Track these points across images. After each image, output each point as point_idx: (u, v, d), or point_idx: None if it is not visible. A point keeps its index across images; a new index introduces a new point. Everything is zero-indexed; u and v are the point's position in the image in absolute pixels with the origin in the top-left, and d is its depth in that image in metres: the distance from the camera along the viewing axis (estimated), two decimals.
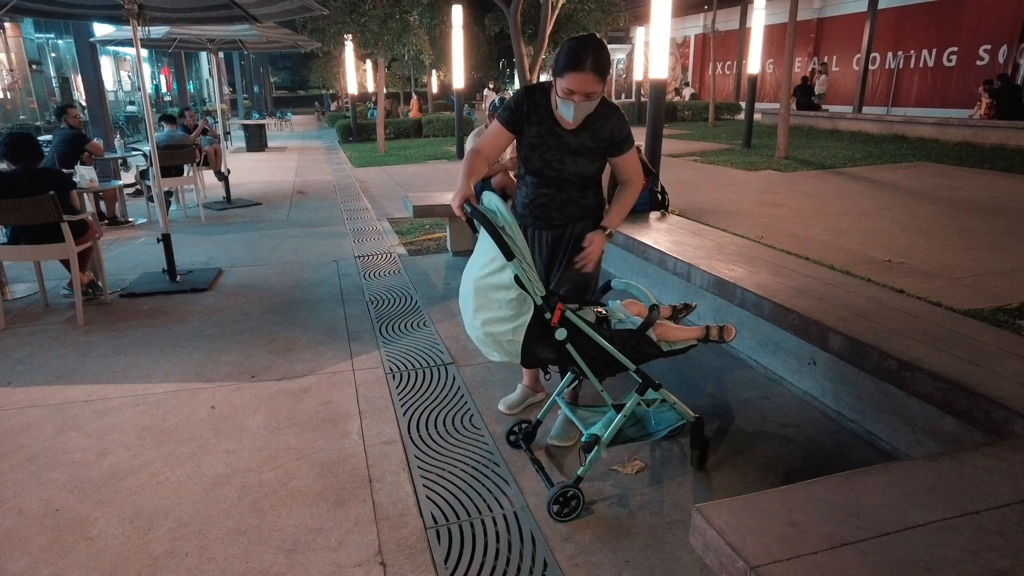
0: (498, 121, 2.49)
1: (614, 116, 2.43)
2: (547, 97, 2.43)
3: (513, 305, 2.09)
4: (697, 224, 4.70)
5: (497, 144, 2.50)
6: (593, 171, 2.52)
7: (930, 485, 1.62)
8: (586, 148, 2.45)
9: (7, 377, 3.46)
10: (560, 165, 2.48)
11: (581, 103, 2.27)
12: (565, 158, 2.46)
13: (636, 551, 2.11)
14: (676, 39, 26.07)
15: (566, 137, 2.44)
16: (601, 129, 2.43)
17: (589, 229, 2.57)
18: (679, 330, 2.48)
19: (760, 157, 9.92)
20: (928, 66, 16.23)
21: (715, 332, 2.54)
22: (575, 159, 2.46)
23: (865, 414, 2.79)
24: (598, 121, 2.42)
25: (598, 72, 2.23)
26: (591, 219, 2.62)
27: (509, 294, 2.07)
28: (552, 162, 2.48)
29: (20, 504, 2.39)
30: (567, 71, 2.22)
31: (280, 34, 10.28)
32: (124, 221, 7.46)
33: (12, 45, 16.87)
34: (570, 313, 2.20)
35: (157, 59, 28.05)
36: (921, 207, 6.02)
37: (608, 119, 2.42)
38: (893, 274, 3.73)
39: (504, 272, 2.05)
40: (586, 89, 2.24)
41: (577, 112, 2.30)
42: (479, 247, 2.22)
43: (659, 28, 5.28)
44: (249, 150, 15.62)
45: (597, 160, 2.50)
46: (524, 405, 3.06)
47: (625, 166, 2.54)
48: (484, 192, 2.32)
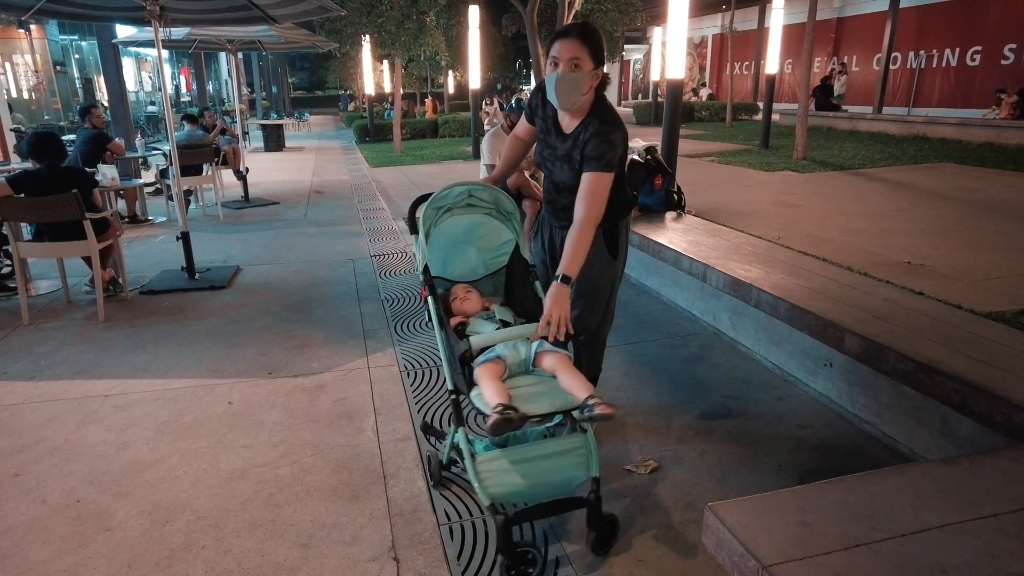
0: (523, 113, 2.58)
1: (601, 128, 2.21)
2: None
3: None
4: (713, 224, 4.67)
5: (526, 130, 2.58)
6: (578, 182, 2.26)
7: (947, 487, 1.61)
8: (569, 157, 2.33)
9: (31, 371, 3.53)
10: (552, 167, 2.44)
11: (566, 74, 2.14)
12: (557, 162, 2.41)
13: (649, 550, 2.11)
14: (693, 39, 25.92)
15: (557, 141, 2.39)
16: (585, 138, 2.25)
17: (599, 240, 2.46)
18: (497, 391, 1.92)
19: (778, 158, 9.83)
20: (951, 65, 15.99)
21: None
22: (561, 165, 2.37)
23: (881, 416, 2.76)
24: (584, 130, 2.27)
25: (584, 40, 2.14)
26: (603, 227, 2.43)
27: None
28: (547, 161, 2.46)
29: (43, 495, 2.44)
30: (554, 41, 2.20)
31: (298, 35, 10.37)
32: (144, 219, 7.56)
33: (37, 47, 17.18)
34: (431, 300, 2.23)
35: (177, 60, 28.41)
36: (942, 208, 5.94)
37: (591, 129, 2.23)
38: (912, 276, 3.69)
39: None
40: (569, 55, 2.13)
41: (561, 86, 2.16)
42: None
43: (676, 28, 5.26)
44: (267, 150, 15.77)
45: (580, 171, 2.27)
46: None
47: (583, 187, 2.20)
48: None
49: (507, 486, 1.93)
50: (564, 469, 1.98)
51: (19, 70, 16.34)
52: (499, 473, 1.94)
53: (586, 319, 2.56)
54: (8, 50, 15.83)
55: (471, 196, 2.40)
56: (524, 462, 1.97)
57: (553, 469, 1.98)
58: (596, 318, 2.59)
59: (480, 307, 2.35)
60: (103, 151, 6.88)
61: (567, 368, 1.99)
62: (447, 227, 2.43)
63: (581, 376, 1.95)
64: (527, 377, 2.11)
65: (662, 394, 3.18)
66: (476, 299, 2.36)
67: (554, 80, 2.17)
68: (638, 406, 3.07)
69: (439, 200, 2.36)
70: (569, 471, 1.98)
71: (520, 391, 1.99)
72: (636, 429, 2.87)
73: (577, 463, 1.99)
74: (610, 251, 2.48)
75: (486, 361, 2.05)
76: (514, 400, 1.90)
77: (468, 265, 2.48)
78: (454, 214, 2.42)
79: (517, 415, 1.80)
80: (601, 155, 2.20)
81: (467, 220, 2.44)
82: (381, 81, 23.47)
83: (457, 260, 2.47)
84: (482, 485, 1.92)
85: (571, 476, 1.98)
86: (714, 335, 3.88)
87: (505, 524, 1.89)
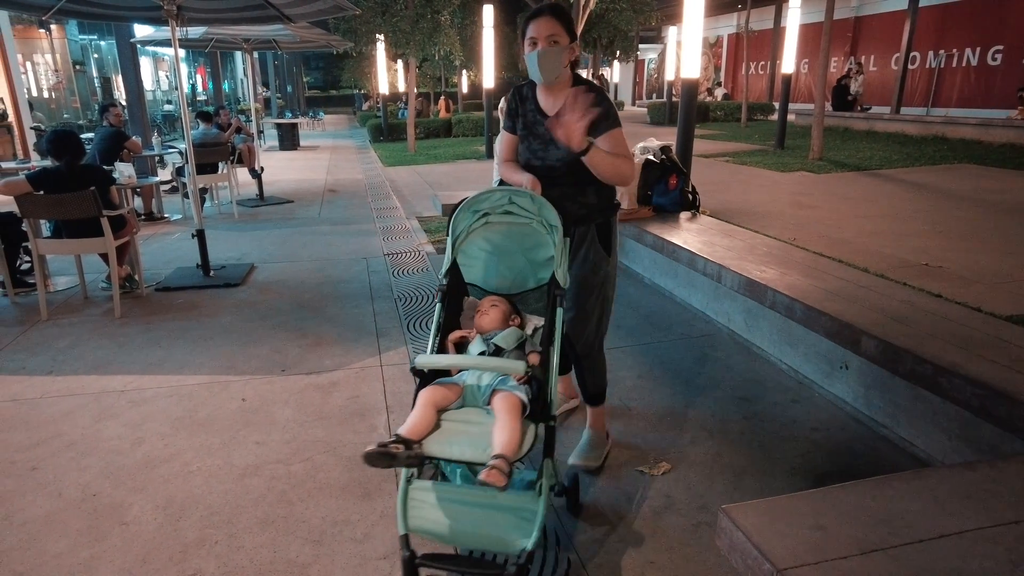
0: (503, 129, 2.51)
1: (592, 94, 2.21)
2: (532, 88, 2.40)
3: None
4: (728, 225, 4.64)
5: (511, 148, 2.48)
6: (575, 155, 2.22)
7: (966, 493, 1.58)
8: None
9: (49, 366, 3.57)
10: (544, 153, 2.35)
11: (547, 49, 2.18)
12: (548, 145, 2.32)
13: (661, 552, 2.10)
14: (709, 39, 25.77)
15: (546, 122, 2.28)
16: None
17: (593, 237, 2.39)
18: (414, 420, 1.81)
19: (793, 158, 9.75)
20: (971, 65, 15.77)
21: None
22: (557, 143, 2.23)
23: (898, 420, 2.73)
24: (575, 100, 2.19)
25: (557, 17, 2.21)
26: (596, 222, 2.41)
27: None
28: (537, 151, 2.37)
29: (60, 488, 2.47)
30: (528, 23, 2.23)
31: (313, 34, 10.43)
32: (160, 217, 7.64)
33: (57, 46, 17.40)
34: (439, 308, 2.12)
35: (194, 59, 28.67)
36: (961, 210, 5.86)
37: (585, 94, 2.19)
38: (930, 278, 3.64)
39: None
40: (547, 32, 2.18)
41: (543, 61, 2.19)
42: None
43: (691, 27, 5.23)
44: (282, 149, 15.88)
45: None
46: (562, 411, 2.87)
47: (606, 147, 2.23)
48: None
49: (430, 522, 1.79)
50: (500, 525, 1.77)
51: (39, 69, 16.55)
52: (428, 506, 1.80)
53: (580, 323, 2.45)
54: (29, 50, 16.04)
55: (511, 203, 2.19)
56: (459, 503, 1.80)
57: (488, 521, 1.78)
58: (591, 322, 2.46)
59: (499, 324, 2.11)
60: (120, 149, 6.96)
61: (506, 415, 1.76)
62: (490, 235, 2.23)
63: (513, 429, 1.71)
64: (476, 413, 1.90)
65: (675, 395, 3.16)
66: (497, 315, 2.13)
67: (536, 57, 2.20)
68: (651, 407, 3.05)
69: (476, 203, 2.20)
70: (505, 530, 1.76)
71: (450, 426, 1.83)
72: (649, 430, 2.85)
73: (516, 524, 1.75)
74: (604, 247, 2.41)
75: (437, 384, 1.93)
76: (434, 435, 1.76)
77: (515, 275, 2.25)
78: (491, 221, 2.22)
79: (406, 453, 1.65)
80: (606, 113, 2.23)
81: (514, 229, 2.21)
82: (395, 80, 23.55)
83: (503, 269, 2.25)
84: (405, 512, 1.80)
85: (505, 536, 1.75)
86: (728, 336, 3.86)
87: (410, 563, 1.74)
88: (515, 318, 2.18)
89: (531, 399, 1.86)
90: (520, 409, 1.81)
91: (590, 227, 2.39)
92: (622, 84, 32.63)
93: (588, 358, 2.54)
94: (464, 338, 2.14)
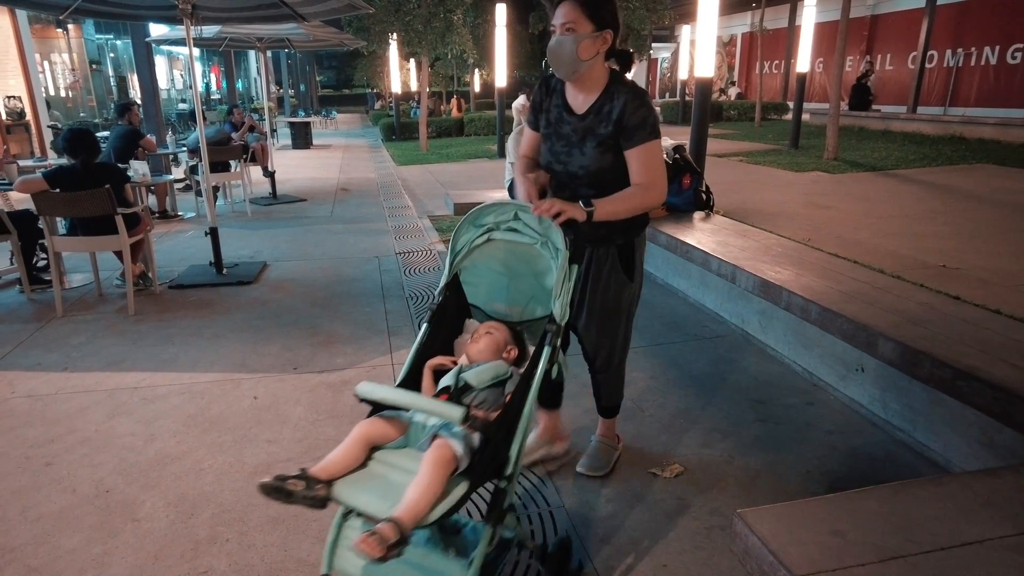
0: (526, 124, 2.32)
1: (629, 95, 2.03)
2: (562, 81, 2.18)
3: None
4: (742, 225, 4.60)
5: (533, 145, 2.31)
6: (604, 165, 2.07)
7: (988, 500, 1.55)
8: (593, 133, 2.07)
9: (64, 362, 3.60)
10: (567, 157, 2.12)
11: (559, 38, 1.98)
12: (572, 148, 2.11)
13: (673, 555, 2.07)
14: (722, 38, 25.61)
15: (573, 121, 2.12)
16: (611, 110, 2.04)
17: (614, 260, 2.18)
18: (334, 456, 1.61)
19: (808, 158, 9.66)
20: (990, 64, 15.55)
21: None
22: (582, 147, 2.08)
23: (915, 423, 2.69)
24: (608, 101, 2.05)
25: (578, 1, 1.97)
26: (617, 243, 2.18)
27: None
28: (560, 154, 2.15)
29: (73, 484, 2.49)
30: (553, 9, 2.04)
31: (326, 33, 10.46)
32: (174, 215, 7.69)
33: (75, 46, 17.59)
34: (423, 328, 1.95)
35: (208, 58, 28.88)
36: (979, 211, 5.77)
37: (621, 97, 2.03)
38: (948, 280, 3.58)
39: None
40: (563, 19, 1.97)
41: (554, 51, 1.99)
42: None
43: (705, 26, 5.19)
44: (295, 147, 15.94)
45: (608, 152, 2.06)
46: (537, 457, 2.55)
47: (638, 163, 2.03)
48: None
49: (354, 567, 1.64)
50: None
51: (57, 68, 16.74)
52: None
53: (602, 345, 2.32)
54: (47, 49, 16.23)
55: (516, 219, 1.93)
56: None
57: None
58: (614, 344, 2.33)
59: (488, 355, 1.86)
60: (135, 147, 7.01)
61: (428, 468, 1.49)
62: (497, 252, 1.99)
63: (427, 488, 1.46)
64: (412, 456, 1.62)
65: (688, 397, 3.13)
66: (488, 344, 1.88)
67: (549, 47, 2.01)
68: (663, 408, 3.03)
69: (481, 216, 1.97)
70: None
71: (376, 467, 1.61)
72: (661, 431, 2.83)
73: None
74: (626, 271, 2.22)
75: (378, 417, 1.70)
76: (352, 475, 1.57)
77: (526, 301, 1.99)
78: (493, 238, 1.98)
79: (303, 492, 1.48)
80: (643, 121, 2.00)
81: (520, 249, 1.94)
82: (408, 79, 23.60)
83: (513, 293, 2.00)
84: (333, 550, 1.67)
85: None
86: (742, 337, 3.82)
87: None
88: (511, 349, 1.91)
89: (476, 452, 1.56)
90: (448, 464, 1.51)
91: (610, 249, 2.18)
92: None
93: (606, 373, 2.41)
94: (442, 365, 1.89)
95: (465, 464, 1.53)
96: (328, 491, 1.52)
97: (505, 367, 1.83)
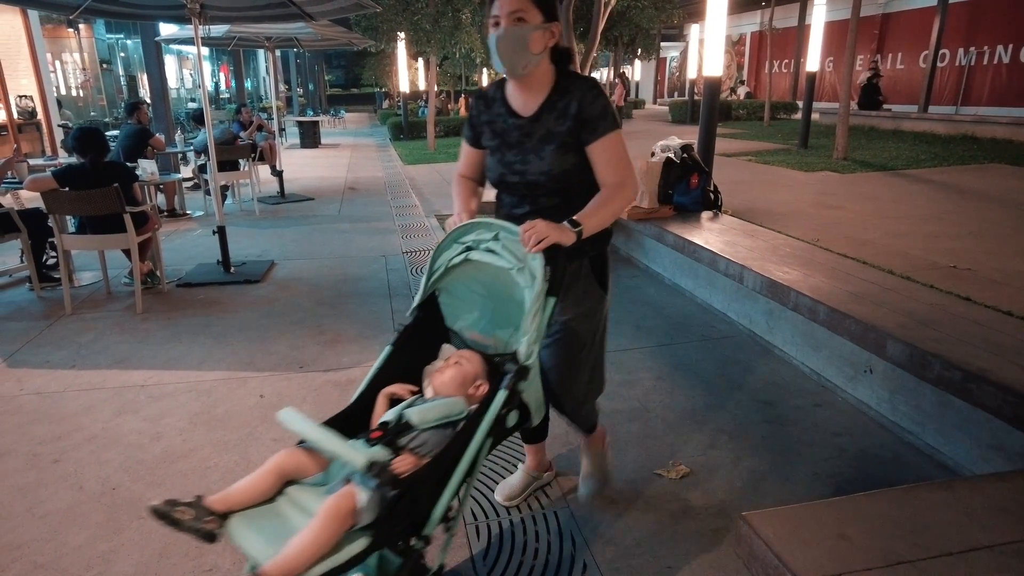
0: (464, 139, 2.06)
1: (585, 87, 1.83)
2: (501, 88, 1.94)
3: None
4: (750, 225, 4.57)
5: (471, 163, 2.04)
6: (566, 168, 1.84)
7: (998, 505, 1.53)
8: (551, 133, 1.84)
9: (72, 360, 3.62)
10: (523, 166, 1.87)
11: (508, 29, 1.73)
12: (527, 155, 1.86)
13: (678, 557, 2.06)
14: (731, 37, 25.49)
15: (524, 125, 1.87)
16: (568, 105, 1.83)
17: (587, 274, 1.94)
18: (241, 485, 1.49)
19: (817, 158, 9.60)
20: (1003, 62, 15.40)
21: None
22: (538, 152, 1.84)
23: (924, 426, 2.66)
24: (562, 97, 1.84)
25: None
26: (590, 255, 1.94)
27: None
28: (513, 164, 1.89)
29: (80, 481, 2.50)
30: (492, 1, 1.78)
31: (334, 32, 10.48)
32: (182, 214, 7.73)
33: (85, 45, 17.71)
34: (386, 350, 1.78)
35: (217, 57, 29.00)
36: (991, 211, 5.71)
37: (576, 91, 1.83)
38: (958, 281, 3.55)
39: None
40: (510, 7, 1.73)
41: (503, 44, 1.74)
42: None
43: (714, 25, 5.16)
44: (303, 146, 15.99)
45: (569, 152, 1.83)
46: (528, 492, 2.39)
47: (605, 158, 1.82)
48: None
49: None
50: None
51: (68, 68, 16.86)
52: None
53: (570, 379, 2.01)
54: (58, 49, 16.35)
55: (496, 240, 1.73)
56: None
57: None
58: (582, 378, 2.03)
59: (452, 388, 1.66)
60: (144, 146, 7.05)
61: (319, 518, 1.33)
62: (479, 274, 1.79)
63: (310, 542, 1.30)
64: (318, 497, 1.45)
65: (695, 397, 3.12)
66: (453, 376, 1.67)
67: (495, 40, 1.75)
68: (670, 409, 3.01)
69: (463, 233, 1.79)
70: None
71: (282, 504, 1.48)
72: (667, 433, 2.81)
73: None
74: (600, 283, 1.99)
75: (298, 448, 1.55)
76: (255, 510, 1.45)
77: (507, 329, 1.79)
78: (471, 259, 1.79)
79: (191, 524, 1.35)
80: (604, 110, 1.81)
81: (503, 274, 1.73)
82: (416, 79, 23.61)
83: (499, 320, 1.81)
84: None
85: None
86: (750, 338, 3.80)
87: None
88: (480, 385, 1.69)
89: (384, 506, 1.32)
90: (344, 517, 1.33)
91: (583, 261, 1.94)
92: (643, 82, 32.43)
93: (577, 415, 2.15)
94: (397, 394, 1.69)
95: (367, 519, 1.32)
96: (220, 524, 1.39)
97: (461, 406, 1.60)
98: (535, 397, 1.67)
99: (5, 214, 4.64)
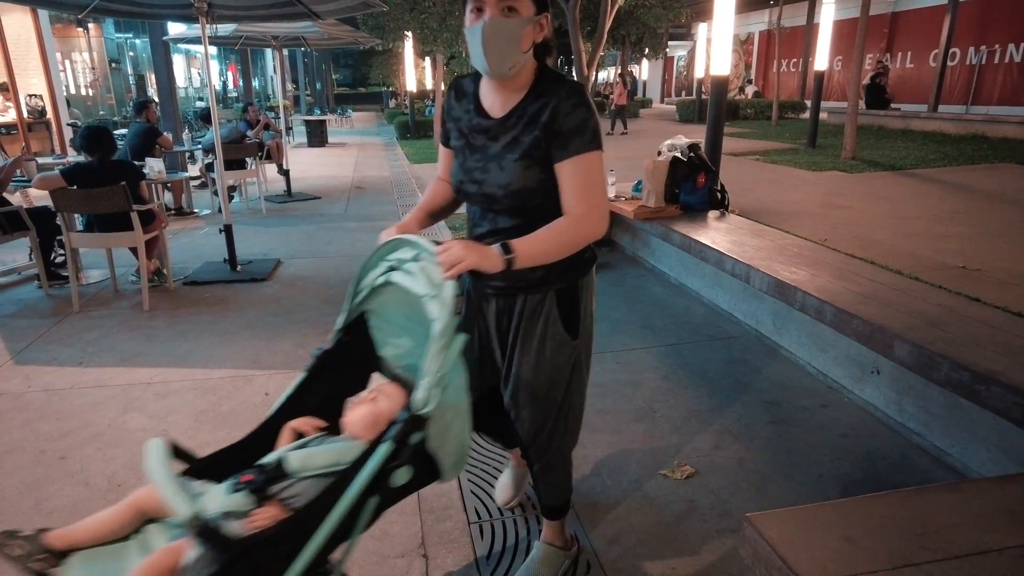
0: (439, 140, 1.85)
1: (564, 92, 1.52)
2: (476, 82, 1.67)
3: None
4: (758, 224, 4.55)
5: (445, 165, 1.80)
6: (528, 184, 1.55)
7: (1008, 508, 1.51)
8: (516, 141, 1.55)
9: (80, 357, 3.64)
10: (482, 174, 1.60)
11: (496, 20, 1.44)
12: (489, 163, 1.59)
13: (683, 558, 2.05)
14: (739, 36, 25.41)
15: (492, 127, 1.59)
16: (540, 111, 1.52)
17: (550, 312, 1.64)
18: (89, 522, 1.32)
19: (825, 157, 9.55)
20: (1015, 61, 15.28)
21: None
22: (500, 161, 1.57)
23: (932, 427, 2.64)
24: (536, 101, 1.54)
25: None
26: (555, 287, 1.64)
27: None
28: (473, 171, 1.62)
29: (87, 478, 2.51)
30: None
31: (341, 31, 10.51)
32: (190, 212, 7.76)
33: (94, 45, 17.83)
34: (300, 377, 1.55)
35: (225, 56, 29.13)
36: (1001, 211, 5.67)
37: (553, 96, 1.52)
38: (967, 281, 3.52)
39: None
40: None
41: (490, 36, 1.44)
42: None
43: (722, 24, 5.14)
44: (310, 145, 16.04)
45: (534, 166, 1.54)
46: (523, 488, 2.32)
47: (572, 182, 1.51)
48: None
49: None
50: None
51: (77, 67, 16.98)
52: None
53: (535, 429, 1.73)
54: (68, 48, 16.46)
55: (416, 260, 1.44)
56: None
57: None
58: (554, 429, 1.74)
59: (362, 428, 1.37)
60: (152, 145, 7.08)
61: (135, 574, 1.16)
62: (406, 297, 1.45)
63: None
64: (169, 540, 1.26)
65: (700, 398, 3.10)
66: (366, 412, 1.40)
67: (480, 31, 1.45)
68: (675, 409, 3.00)
69: (388, 250, 1.54)
70: None
71: (131, 546, 1.31)
72: (672, 433, 2.80)
73: None
74: (566, 326, 1.66)
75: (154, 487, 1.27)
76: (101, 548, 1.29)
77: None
78: (391, 280, 1.52)
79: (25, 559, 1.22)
80: (582, 124, 1.50)
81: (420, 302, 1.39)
82: (423, 78, 23.64)
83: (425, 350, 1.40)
84: None
85: None
86: (756, 338, 3.78)
87: None
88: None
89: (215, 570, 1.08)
90: (164, 573, 1.15)
91: (545, 296, 1.64)
92: (651, 81, 32.38)
93: (548, 473, 1.86)
94: (300, 429, 1.47)
95: None
96: (54, 563, 1.24)
97: (356, 452, 1.28)
98: (452, 451, 1.34)
99: (14, 212, 4.67)
